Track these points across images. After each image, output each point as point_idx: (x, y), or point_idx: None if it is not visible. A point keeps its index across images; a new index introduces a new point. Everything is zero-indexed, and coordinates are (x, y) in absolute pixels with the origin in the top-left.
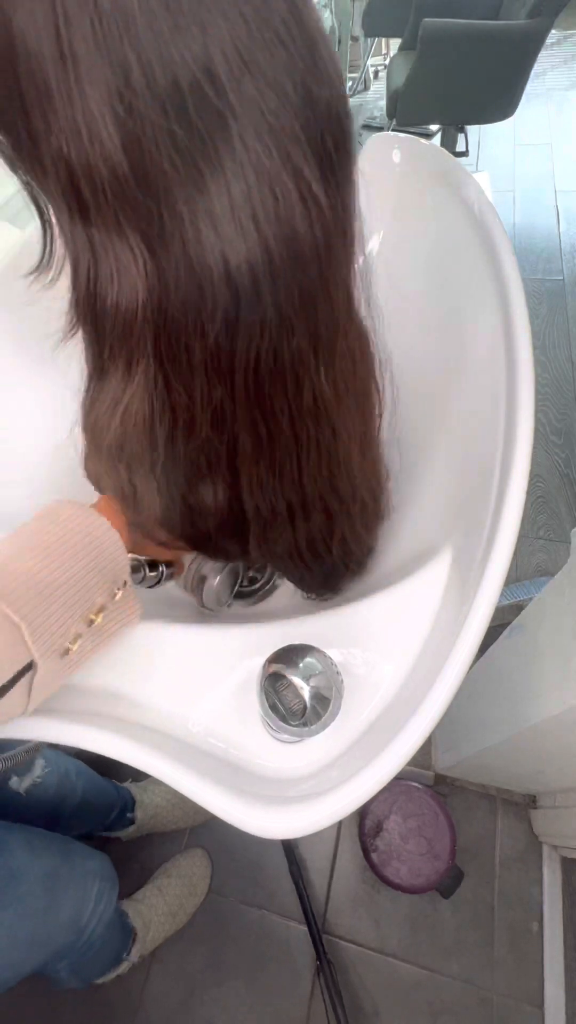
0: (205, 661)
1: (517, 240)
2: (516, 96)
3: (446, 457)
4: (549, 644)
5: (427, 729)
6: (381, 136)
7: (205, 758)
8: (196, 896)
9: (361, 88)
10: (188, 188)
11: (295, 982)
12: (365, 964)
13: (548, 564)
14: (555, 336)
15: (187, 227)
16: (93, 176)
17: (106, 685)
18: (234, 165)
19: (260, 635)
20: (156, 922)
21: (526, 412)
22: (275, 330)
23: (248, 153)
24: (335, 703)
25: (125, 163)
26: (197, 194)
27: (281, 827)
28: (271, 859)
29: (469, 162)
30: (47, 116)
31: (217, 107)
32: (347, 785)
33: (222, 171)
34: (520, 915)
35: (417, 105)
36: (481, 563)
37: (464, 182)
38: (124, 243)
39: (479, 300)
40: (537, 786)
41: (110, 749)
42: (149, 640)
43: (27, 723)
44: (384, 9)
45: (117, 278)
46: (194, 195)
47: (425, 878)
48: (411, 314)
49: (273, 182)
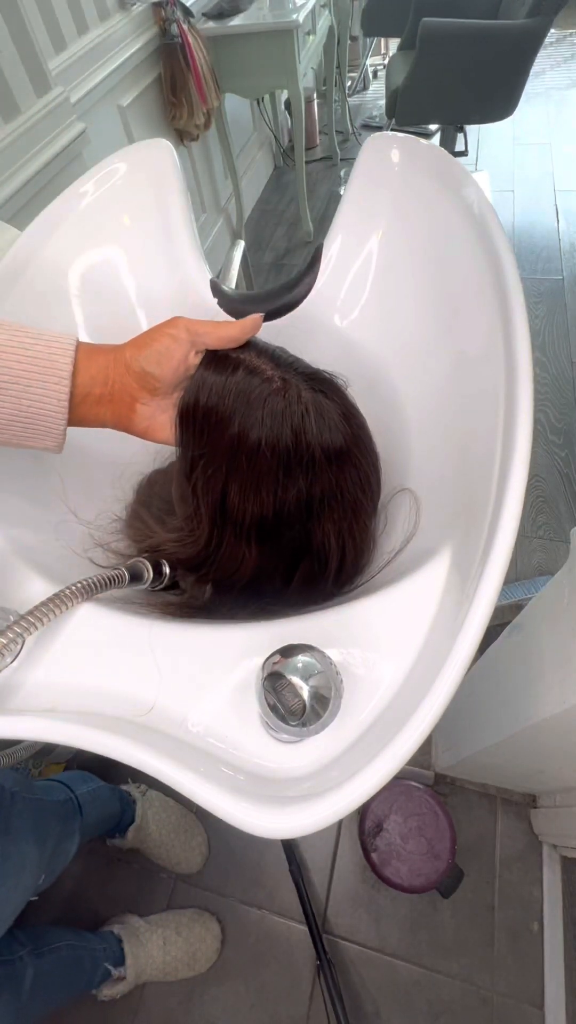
0: (204, 661)
1: (517, 240)
2: (515, 95)
3: (445, 456)
4: (549, 644)
5: (427, 729)
6: (380, 136)
7: (205, 758)
8: (193, 971)
9: (360, 88)
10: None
11: (295, 982)
12: (365, 964)
13: (548, 564)
14: (554, 336)
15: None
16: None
17: (104, 685)
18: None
19: (259, 635)
20: (148, 973)
21: (525, 412)
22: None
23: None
24: (335, 703)
25: (271, 515)
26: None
27: (281, 827)
28: (271, 859)
29: (468, 162)
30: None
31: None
32: (347, 785)
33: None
34: (520, 915)
35: (416, 104)
36: (481, 563)
37: (463, 182)
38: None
39: (478, 300)
40: (537, 786)
41: (109, 749)
42: (148, 640)
43: (26, 723)
44: (383, 9)
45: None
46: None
47: (425, 878)
48: (409, 313)
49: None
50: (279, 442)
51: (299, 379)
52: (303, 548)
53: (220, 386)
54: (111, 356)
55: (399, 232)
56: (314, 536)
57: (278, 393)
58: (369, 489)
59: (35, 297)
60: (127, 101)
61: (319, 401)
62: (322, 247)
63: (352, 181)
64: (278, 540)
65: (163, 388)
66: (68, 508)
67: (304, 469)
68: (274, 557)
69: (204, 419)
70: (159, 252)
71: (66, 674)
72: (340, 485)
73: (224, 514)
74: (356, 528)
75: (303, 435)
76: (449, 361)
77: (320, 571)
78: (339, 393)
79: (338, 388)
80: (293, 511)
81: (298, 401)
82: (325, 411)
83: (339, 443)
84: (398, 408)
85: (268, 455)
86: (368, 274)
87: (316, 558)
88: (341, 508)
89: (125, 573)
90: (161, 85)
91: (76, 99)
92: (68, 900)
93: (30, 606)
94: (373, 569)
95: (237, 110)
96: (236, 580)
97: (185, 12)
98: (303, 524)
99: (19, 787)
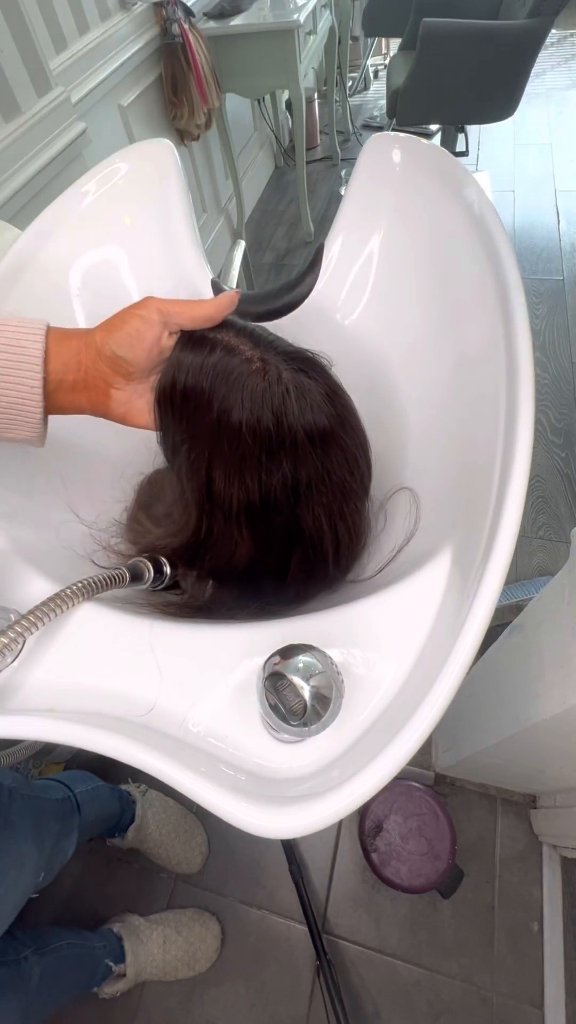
0: (205, 661)
1: (517, 240)
2: (516, 96)
3: (446, 457)
4: (549, 644)
5: (428, 729)
6: (381, 136)
7: (205, 758)
8: (193, 971)
9: (361, 88)
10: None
11: (295, 982)
12: (365, 964)
13: (548, 564)
14: (555, 336)
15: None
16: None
17: (105, 685)
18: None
19: (260, 635)
20: (148, 971)
21: (526, 412)
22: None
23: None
24: (335, 703)
25: (257, 501)
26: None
27: (281, 827)
28: (271, 859)
29: (469, 162)
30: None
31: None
32: (347, 785)
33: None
34: (520, 915)
35: (417, 105)
36: (481, 563)
37: (464, 182)
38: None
39: (479, 300)
40: (537, 786)
41: (110, 749)
42: (148, 640)
43: (26, 723)
44: (384, 9)
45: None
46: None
47: (425, 878)
48: (410, 313)
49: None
50: (260, 425)
51: (280, 359)
52: (295, 535)
53: (197, 367)
54: (82, 340)
55: (400, 232)
56: (304, 521)
57: (257, 374)
58: (358, 471)
59: (36, 297)
60: (128, 101)
61: (300, 381)
62: (323, 247)
63: (353, 181)
64: (268, 525)
65: (137, 372)
66: (70, 508)
67: (287, 453)
68: (267, 543)
69: (182, 402)
70: (160, 252)
71: (66, 674)
72: (326, 468)
73: (211, 499)
74: (347, 510)
75: (284, 417)
76: (450, 361)
77: (317, 557)
78: (322, 373)
79: (321, 367)
80: (280, 496)
81: (278, 382)
82: (307, 391)
83: (323, 424)
84: (399, 408)
85: (249, 439)
86: (369, 274)
87: (310, 544)
88: (330, 491)
89: (126, 573)
90: (162, 85)
91: (77, 99)
92: (68, 900)
93: (31, 606)
94: (374, 565)
95: (238, 110)
96: (232, 568)
97: (186, 12)
98: (292, 509)
99: (17, 784)
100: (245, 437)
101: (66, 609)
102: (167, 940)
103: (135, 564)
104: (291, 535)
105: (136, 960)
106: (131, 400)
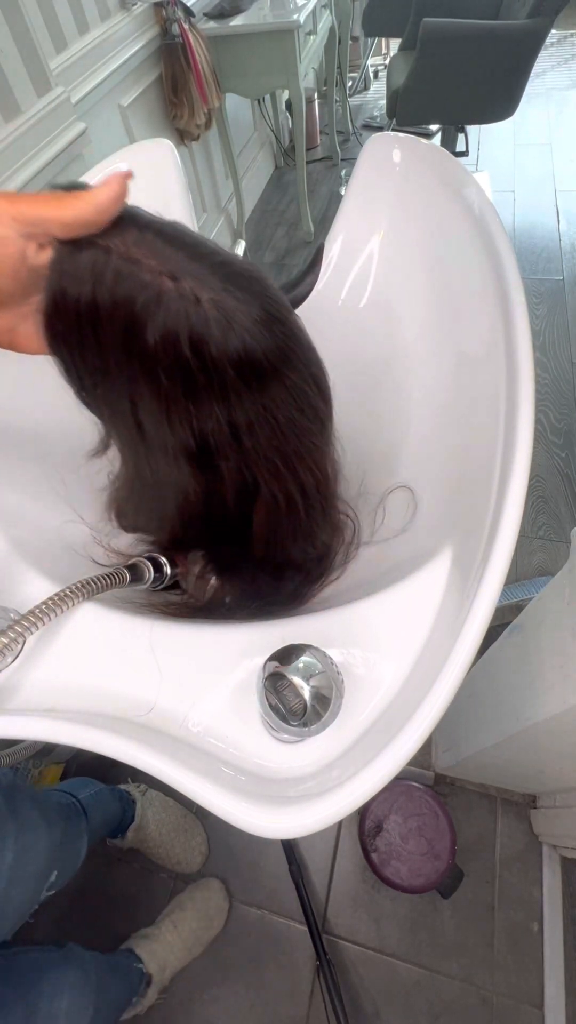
0: (205, 661)
1: (517, 240)
2: (516, 96)
3: (446, 456)
4: (549, 644)
5: (427, 729)
6: (381, 136)
7: (205, 758)
8: (213, 929)
9: (361, 88)
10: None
11: (295, 982)
12: (365, 964)
13: (548, 564)
14: (555, 336)
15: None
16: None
17: (105, 685)
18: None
19: (260, 635)
20: (173, 960)
21: (526, 412)
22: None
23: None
24: (335, 703)
25: (195, 449)
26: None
27: (281, 827)
28: (271, 859)
29: (469, 162)
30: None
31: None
32: (347, 785)
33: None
34: (520, 915)
35: (417, 105)
36: (481, 563)
37: (464, 182)
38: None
39: (479, 300)
40: (537, 786)
41: (110, 749)
42: (148, 640)
43: (26, 723)
44: (384, 9)
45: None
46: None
47: (425, 878)
48: (411, 314)
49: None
50: (177, 361)
51: (199, 272)
52: (252, 481)
53: (77, 297)
54: None
55: (400, 232)
56: (255, 466)
57: (167, 295)
58: (309, 406)
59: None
60: (128, 101)
61: (225, 303)
62: (323, 247)
63: (353, 181)
64: (217, 471)
65: (7, 298)
66: (71, 508)
67: (216, 394)
68: (220, 492)
69: (79, 338)
70: None
71: (66, 674)
72: (268, 409)
73: (145, 441)
74: (303, 448)
75: (205, 349)
76: (450, 361)
77: (287, 505)
78: (258, 291)
79: (257, 284)
80: (220, 442)
81: (196, 304)
82: (233, 315)
83: (256, 356)
84: (399, 407)
85: (164, 379)
86: (369, 274)
87: (270, 490)
88: (280, 434)
89: (126, 572)
90: (162, 85)
91: (77, 99)
92: (68, 900)
93: (31, 605)
94: (369, 557)
95: (238, 110)
96: (194, 514)
97: (186, 12)
98: (238, 455)
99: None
100: (159, 377)
101: (66, 609)
102: (177, 924)
103: (135, 564)
104: (247, 482)
105: (155, 959)
106: (14, 326)
